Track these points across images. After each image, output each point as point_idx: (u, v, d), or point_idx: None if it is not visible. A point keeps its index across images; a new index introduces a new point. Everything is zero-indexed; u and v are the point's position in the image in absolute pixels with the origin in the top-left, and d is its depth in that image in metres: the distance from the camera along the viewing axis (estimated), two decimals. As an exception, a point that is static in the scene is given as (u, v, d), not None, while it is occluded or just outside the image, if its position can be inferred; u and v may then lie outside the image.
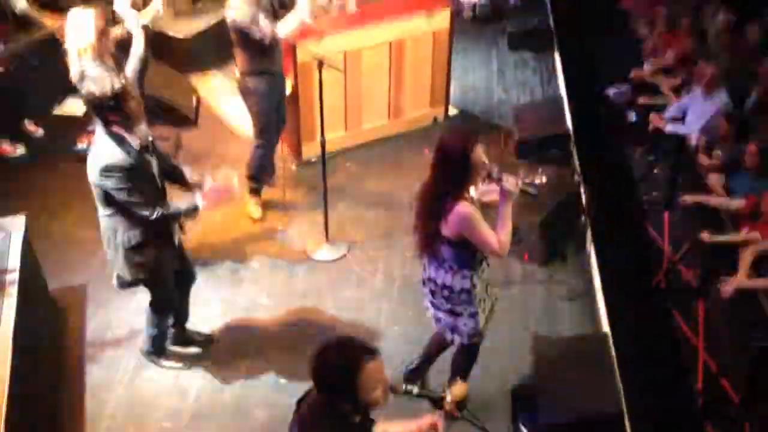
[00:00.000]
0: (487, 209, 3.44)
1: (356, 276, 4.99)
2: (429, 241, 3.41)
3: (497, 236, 3.31)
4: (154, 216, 3.55)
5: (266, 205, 5.54)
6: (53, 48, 5.71)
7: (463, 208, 3.26)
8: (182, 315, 4.34)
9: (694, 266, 4.95)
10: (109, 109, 3.41)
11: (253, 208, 5.43)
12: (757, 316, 4.56)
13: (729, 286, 4.58)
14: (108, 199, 3.57)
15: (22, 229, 4.26)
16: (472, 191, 3.41)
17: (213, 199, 3.69)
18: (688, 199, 5.18)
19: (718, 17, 6.68)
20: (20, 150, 5.96)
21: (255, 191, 5.44)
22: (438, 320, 3.68)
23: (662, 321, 4.75)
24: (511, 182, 3.28)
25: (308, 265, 5.08)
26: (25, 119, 6.12)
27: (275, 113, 5.15)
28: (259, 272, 5.03)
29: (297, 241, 5.26)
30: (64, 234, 5.22)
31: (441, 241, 3.38)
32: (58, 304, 4.69)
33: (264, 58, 4.84)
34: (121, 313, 4.66)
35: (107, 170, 3.43)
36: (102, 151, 3.47)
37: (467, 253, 3.40)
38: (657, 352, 4.62)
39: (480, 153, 3.25)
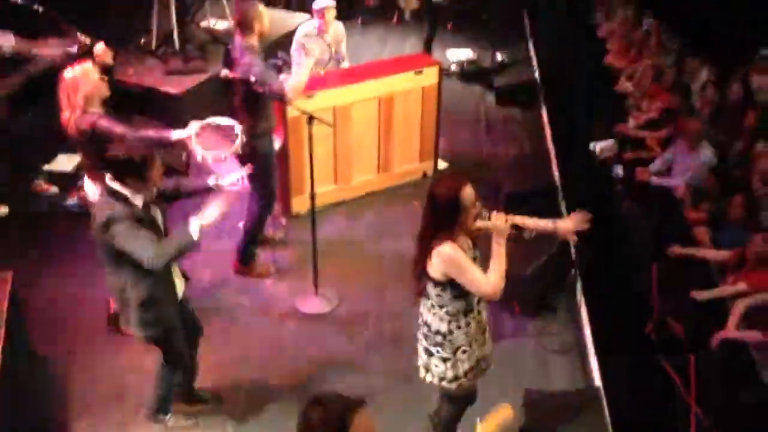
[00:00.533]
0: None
1: (346, 330, 4.95)
2: (418, 279, 3.47)
3: (488, 277, 3.29)
4: (160, 258, 3.39)
5: (255, 259, 5.53)
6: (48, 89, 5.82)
7: (446, 248, 3.27)
8: (192, 371, 4.23)
9: (684, 319, 4.96)
10: (131, 172, 3.39)
11: (262, 269, 5.44)
12: (749, 368, 4.55)
13: (716, 339, 4.59)
14: (114, 254, 3.49)
15: (9, 285, 4.22)
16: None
17: (229, 198, 3.58)
18: (676, 250, 5.21)
19: (700, 74, 6.85)
20: (3, 210, 5.91)
21: (252, 256, 5.42)
22: (419, 357, 3.67)
23: (654, 375, 4.73)
24: (500, 220, 3.31)
25: (298, 319, 5.04)
26: (36, 179, 6.12)
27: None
28: (248, 326, 4.98)
29: (286, 295, 5.23)
30: (52, 290, 5.18)
31: (427, 280, 3.42)
32: (44, 360, 4.61)
33: (268, 119, 4.94)
34: (109, 370, 4.59)
35: (110, 222, 3.38)
36: (105, 205, 3.45)
37: (449, 295, 3.40)
38: (649, 406, 4.58)
39: (469, 193, 3.28)
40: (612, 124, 7.07)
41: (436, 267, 3.33)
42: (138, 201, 3.47)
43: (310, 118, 4.73)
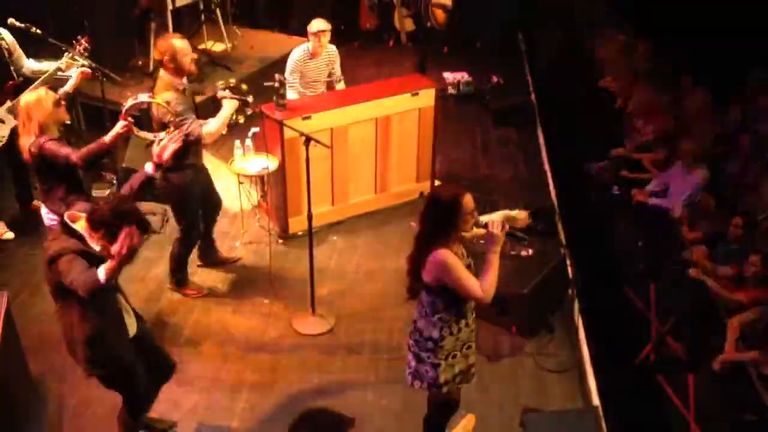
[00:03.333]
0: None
1: (343, 350, 4.92)
2: (412, 284, 3.55)
3: (480, 282, 3.35)
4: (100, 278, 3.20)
5: (252, 280, 5.52)
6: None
7: (440, 254, 3.33)
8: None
9: (682, 338, 4.95)
10: (107, 231, 3.27)
11: (192, 292, 5.36)
12: (747, 388, 4.54)
13: (717, 363, 4.60)
14: (61, 289, 3.38)
15: (4, 305, 4.19)
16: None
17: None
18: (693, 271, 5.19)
19: (695, 96, 6.91)
20: (9, 235, 5.90)
21: (181, 281, 5.36)
22: (408, 365, 3.70)
23: (653, 395, 4.71)
24: (496, 226, 3.36)
25: (294, 340, 5.01)
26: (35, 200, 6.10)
27: (200, 206, 5.12)
28: (244, 347, 4.95)
29: (283, 316, 5.21)
30: (45, 310, 5.14)
31: (421, 286, 3.49)
32: (37, 381, 4.57)
33: (188, 154, 4.78)
34: (101, 391, 4.54)
35: (58, 256, 3.29)
36: (57, 240, 3.37)
37: (442, 302, 3.46)
38: (648, 426, 4.55)
39: (469, 201, 3.36)
40: (608, 146, 7.12)
41: (430, 272, 3.39)
42: (96, 247, 3.36)
43: (308, 140, 4.74)
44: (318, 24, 6.20)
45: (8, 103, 5.50)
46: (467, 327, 3.57)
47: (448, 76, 8.64)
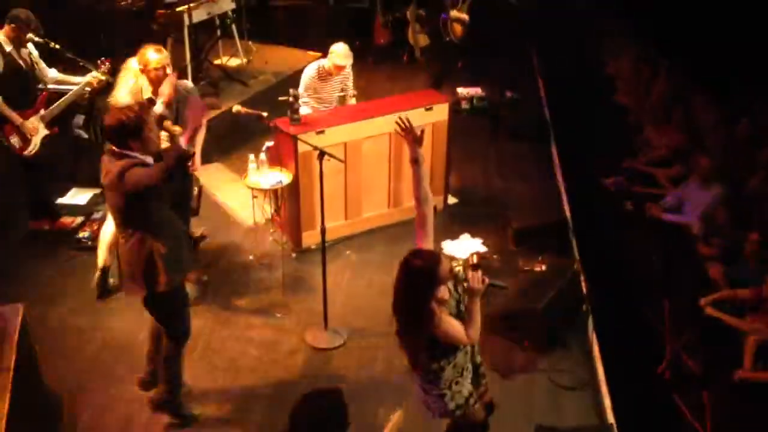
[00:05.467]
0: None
1: (356, 364, 4.91)
2: (411, 355, 3.58)
3: (466, 331, 3.43)
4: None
5: (265, 293, 5.52)
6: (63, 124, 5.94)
7: (434, 318, 3.34)
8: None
9: (697, 355, 4.90)
10: (130, 135, 3.74)
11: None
12: (764, 406, 4.48)
13: (736, 378, 4.55)
14: (128, 211, 3.81)
15: (20, 317, 4.22)
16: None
17: None
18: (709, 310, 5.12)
19: (709, 111, 6.88)
20: (78, 220, 6.15)
21: None
22: (418, 395, 3.73)
23: (669, 412, 4.66)
24: (477, 280, 3.40)
25: (307, 354, 5.01)
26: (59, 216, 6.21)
27: None
28: (256, 361, 4.95)
29: (296, 330, 5.21)
30: (61, 321, 5.18)
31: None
32: (53, 391, 4.59)
33: None
34: (116, 402, 4.57)
35: (123, 171, 3.66)
36: (116, 163, 3.72)
37: (439, 346, 3.49)
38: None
39: (445, 268, 3.34)
40: (622, 160, 7.10)
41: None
42: (149, 161, 3.76)
43: (321, 154, 4.76)
44: (341, 58, 6.11)
45: (42, 112, 5.68)
46: (463, 351, 3.57)
47: (461, 91, 8.67)
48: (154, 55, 4.80)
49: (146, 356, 4.47)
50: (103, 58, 5.72)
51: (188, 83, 5.46)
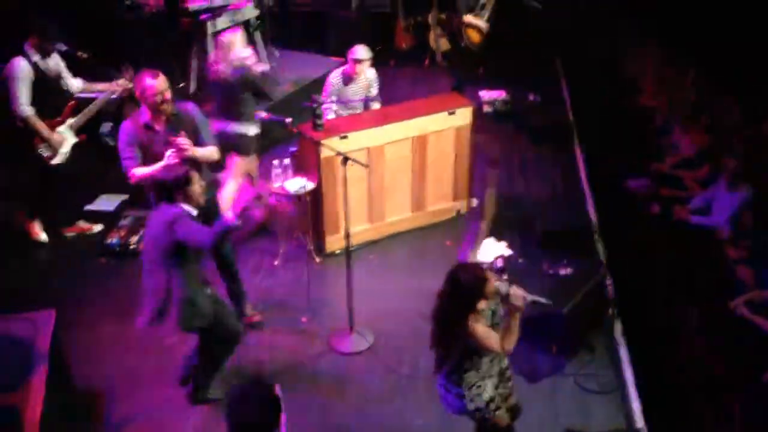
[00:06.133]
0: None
1: (381, 368, 4.92)
2: (439, 357, 3.71)
3: (502, 342, 3.49)
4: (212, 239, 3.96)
5: (290, 298, 5.56)
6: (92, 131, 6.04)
7: (473, 329, 3.45)
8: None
9: (726, 358, 4.84)
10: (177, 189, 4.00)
11: None
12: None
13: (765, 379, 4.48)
14: (169, 252, 3.99)
15: (52, 324, 4.28)
16: None
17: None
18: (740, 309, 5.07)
19: (734, 112, 6.81)
20: (97, 228, 6.25)
21: None
22: (438, 392, 3.82)
23: (698, 417, 4.61)
24: (518, 298, 3.43)
25: (332, 358, 5.03)
26: (81, 220, 6.32)
27: None
28: (282, 365, 4.98)
29: (321, 334, 5.23)
30: (91, 326, 5.25)
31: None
32: (84, 394, 4.66)
33: None
34: (145, 405, 4.61)
35: (176, 220, 3.90)
36: (167, 211, 3.97)
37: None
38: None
39: (491, 286, 3.43)
40: (647, 163, 7.04)
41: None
42: (193, 212, 4.01)
43: (345, 159, 4.78)
44: (359, 52, 6.23)
45: (70, 121, 5.79)
46: (487, 357, 3.62)
47: (484, 94, 8.65)
48: (151, 81, 4.53)
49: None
50: (126, 64, 5.80)
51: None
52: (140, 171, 4.53)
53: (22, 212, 6.15)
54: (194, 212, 4.03)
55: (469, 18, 8.61)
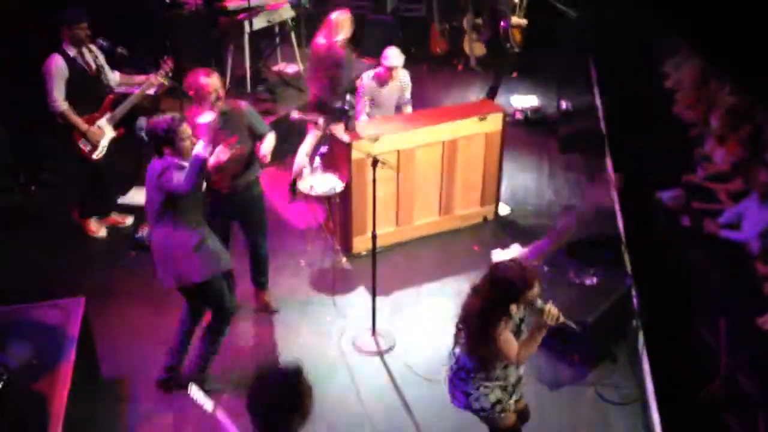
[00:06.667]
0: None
1: (402, 370, 4.95)
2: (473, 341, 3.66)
3: (519, 349, 3.51)
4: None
5: (315, 297, 5.63)
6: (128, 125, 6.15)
7: (501, 332, 3.47)
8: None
9: (753, 375, 4.77)
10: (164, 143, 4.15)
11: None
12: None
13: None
14: (164, 206, 4.16)
15: (81, 310, 4.39)
16: None
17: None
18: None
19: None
20: (129, 220, 6.40)
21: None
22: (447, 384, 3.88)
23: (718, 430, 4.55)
24: (552, 317, 3.43)
25: (355, 358, 5.07)
26: (113, 212, 6.46)
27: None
28: (304, 363, 5.01)
29: (345, 334, 5.27)
30: (120, 315, 5.36)
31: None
32: (110, 385, 4.77)
33: None
34: (171, 397, 4.69)
35: (164, 170, 4.05)
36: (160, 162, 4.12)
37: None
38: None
39: (536, 288, 3.43)
40: (680, 174, 6.96)
41: None
42: (183, 164, 4.08)
43: (375, 161, 4.83)
44: (392, 59, 6.26)
45: (108, 115, 5.89)
46: (501, 363, 3.63)
47: (516, 100, 8.63)
48: (206, 79, 4.64)
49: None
50: (165, 57, 5.91)
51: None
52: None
53: (75, 209, 6.30)
54: (184, 163, 4.09)
55: (515, 19, 8.60)
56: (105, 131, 5.89)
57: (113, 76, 6.01)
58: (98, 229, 6.26)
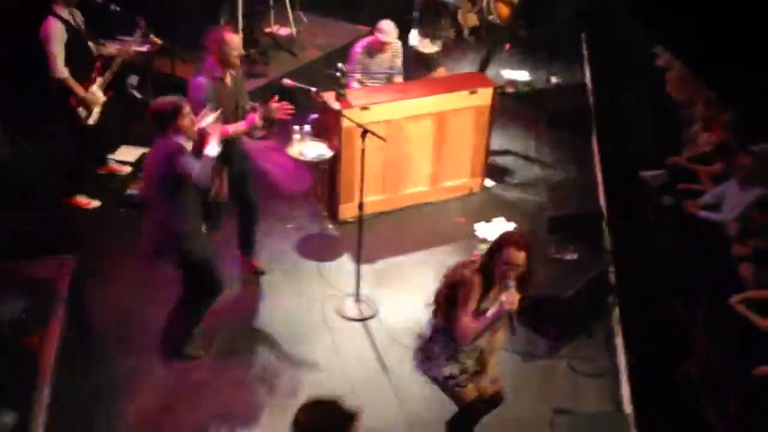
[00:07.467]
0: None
1: (384, 337, 5.06)
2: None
3: (469, 324, 3.49)
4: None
5: (300, 263, 5.71)
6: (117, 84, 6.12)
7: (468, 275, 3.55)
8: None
9: (725, 353, 4.92)
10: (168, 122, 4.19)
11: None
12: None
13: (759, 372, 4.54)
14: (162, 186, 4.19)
15: (71, 269, 4.45)
16: None
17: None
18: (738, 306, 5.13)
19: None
20: (95, 204, 6.20)
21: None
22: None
23: (688, 407, 4.70)
24: (509, 301, 3.41)
25: (338, 324, 5.17)
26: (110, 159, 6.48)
27: None
28: (287, 330, 5.11)
29: (328, 300, 5.36)
30: (110, 274, 5.40)
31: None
32: (99, 341, 4.82)
33: None
34: (159, 354, 4.77)
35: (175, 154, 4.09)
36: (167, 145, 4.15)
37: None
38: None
39: (512, 253, 3.45)
40: (665, 154, 7.04)
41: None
42: (188, 145, 4.15)
43: (364, 132, 4.87)
44: (385, 29, 6.26)
45: (99, 81, 5.85)
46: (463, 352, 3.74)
47: (506, 74, 8.66)
48: (232, 36, 4.76)
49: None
50: (138, 17, 5.88)
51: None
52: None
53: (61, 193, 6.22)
54: (188, 145, 4.18)
55: None
56: (99, 96, 5.86)
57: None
58: (89, 201, 6.20)
